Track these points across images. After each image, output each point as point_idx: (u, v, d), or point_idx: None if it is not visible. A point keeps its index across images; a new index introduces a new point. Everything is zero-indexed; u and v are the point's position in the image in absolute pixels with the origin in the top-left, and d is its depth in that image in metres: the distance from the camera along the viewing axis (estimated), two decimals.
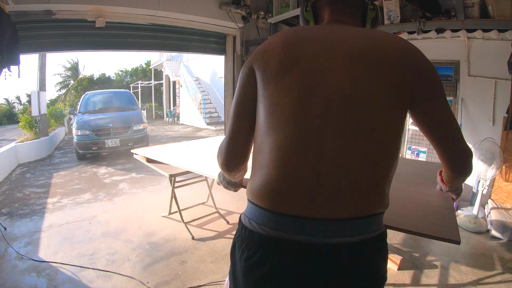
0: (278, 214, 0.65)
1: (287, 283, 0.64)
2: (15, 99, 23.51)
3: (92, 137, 5.94)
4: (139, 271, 2.20)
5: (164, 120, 16.48)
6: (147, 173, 4.97)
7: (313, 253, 0.62)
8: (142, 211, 3.34)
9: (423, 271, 2.18)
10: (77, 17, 3.31)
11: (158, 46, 4.31)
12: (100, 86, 19.69)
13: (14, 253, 2.44)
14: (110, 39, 3.72)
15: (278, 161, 0.65)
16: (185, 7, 3.79)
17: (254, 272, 0.67)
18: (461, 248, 2.54)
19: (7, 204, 3.63)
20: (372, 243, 0.65)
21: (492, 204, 3.00)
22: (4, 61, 2.54)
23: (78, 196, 3.90)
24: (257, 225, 0.68)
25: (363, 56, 0.66)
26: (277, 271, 0.64)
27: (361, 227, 0.64)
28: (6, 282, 2.07)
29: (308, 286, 0.63)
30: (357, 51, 0.67)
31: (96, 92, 8.63)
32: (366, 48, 0.67)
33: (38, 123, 7.08)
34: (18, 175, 5.04)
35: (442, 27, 3.16)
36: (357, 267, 0.64)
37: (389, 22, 3.58)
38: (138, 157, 2.82)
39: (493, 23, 2.87)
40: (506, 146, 3.05)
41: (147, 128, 6.81)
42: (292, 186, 0.64)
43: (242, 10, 4.27)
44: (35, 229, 2.89)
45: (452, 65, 3.40)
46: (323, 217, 0.62)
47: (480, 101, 3.24)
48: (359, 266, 0.64)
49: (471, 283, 2.04)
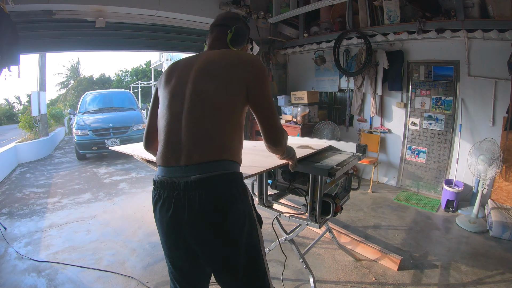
0: (163, 167, 1.07)
1: (172, 204, 1.02)
2: (15, 99, 23.51)
3: (92, 137, 5.94)
4: (139, 271, 2.20)
5: None
6: (147, 173, 4.97)
7: (182, 186, 1.00)
8: (142, 211, 3.33)
9: (423, 271, 2.18)
10: (77, 17, 3.30)
11: (158, 46, 4.30)
12: (100, 86, 19.70)
13: (14, 253, 2.44)
14: (110, 39, 3.72)
15: (162, 137, 1.09)
16: (185, 7, 3.79)
17: (156, 206, 1.07)
18: (461, 248, 2.54)
19: (7, 204, 3.63)
20: (218, 177, 1.01)
21: (492, 204, 3.00)
22: (4, 61, 2.54)
23: (78, 196, 3.90)
24: (156, 176, 1.09)
25: (204, 67, 1.11)
26: (166, 199, 1.03)
27: (207, 168, 1.01)
28: (6, 282, 2.07)
29: (182, 203, 1.00)
30: (203, 64, 1.12)
31: (96, 92, 8.61)
32: (209, 61, 1.12)
33: (38, 123, 7.08)
34: (18, 175, 5.04)
35: (442, 27, 3.15)
36: (210, 190, 1.00)
37: (389, 22, 3.58)
38: (138, 157, 2.82)
39: (493, 23, 2.87)
40: (506, 146, 3.05)
41: None
42: (167, 150, 1.07)
43: (242, 10, 4.27)
44: (35, 229, 2.89)
45: (452, 65, 3.40)
46: (183, 164, 1.02)
47: (480, 101, 3.24)
48: (211, 190, 1.00)
49: (471, 283, 2.04)
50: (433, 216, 3.15)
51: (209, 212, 1.00)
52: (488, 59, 3.13)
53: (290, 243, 1.96)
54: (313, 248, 2.43)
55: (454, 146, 3.48)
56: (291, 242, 1.95)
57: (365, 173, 4.41)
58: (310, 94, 4.42)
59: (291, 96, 4.62)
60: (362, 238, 2.51)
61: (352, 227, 2.91)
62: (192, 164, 1.02)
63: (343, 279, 2.09)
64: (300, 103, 4.44)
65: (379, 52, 3.83)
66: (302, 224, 1.83)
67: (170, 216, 1.02)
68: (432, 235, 2.75)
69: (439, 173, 3.64)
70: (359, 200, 3.59)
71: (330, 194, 1.71)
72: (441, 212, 3.26)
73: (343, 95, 4.58)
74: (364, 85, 4.11)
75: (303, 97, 4.44)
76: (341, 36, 3.98)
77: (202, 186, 0.99)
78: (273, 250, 2.16)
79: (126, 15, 3.53)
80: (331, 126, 4.26)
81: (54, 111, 10.59)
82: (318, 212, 1.62)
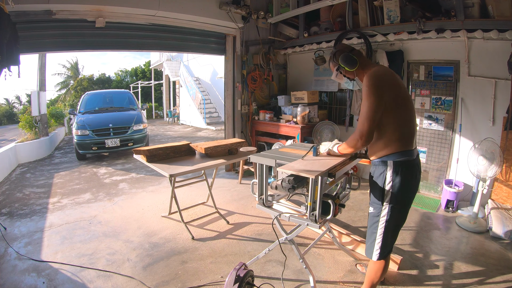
0: (410, 150, 1.60)
1: (417, 170, 1.63)
2: (15, 99, 23.53)
3: (92, 137, 5.95)
4: (139, 271, 2.20)
5: (164, 120, 16.48)
6: (147, 173, 4.97)
7: (418, 162, 1.65)
8: (142, 211, 3.34)
9: (423, 271, 2.18)
10: (77, 17, 3.30)
11: (158, 46, 4.30)
12: (100, 86, 19.71)
13: (14, 253, 2.44)
14: (110, 39, 3.71)
15: (408, 130, 1.62)
16: (185, 7, 3.79)
17: (409, 174, 1.57)
18: (461, 248, 2.54)
19: (7, 204, 3.63)
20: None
21: (492, 204, 3.00)
22: (4, 61, 2.54)
23: (78, 196, 3.90)
24: (404, 155, 1.57)
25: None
26: (413, 169, 1.60)
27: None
28: (6, 282, 2.07)
29: (419, 171, 1.66)
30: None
31: (96, 92, 8.63)
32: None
33: (38, 123, 7.09)
34: (18, 175, 5.04)
35: (442, 27, 3.15)
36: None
37: (389, 22, 3.57)
38: (138, 157, 2.82)
39: (493, 23, 2.87)
40: (506, 146, 3.05)
41: (147, 128, 6.80)
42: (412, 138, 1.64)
43: (242, 10, 4.27)
44: (35, 229, 2.90)
45: (452, 65, 3.40)
46: (413, 148, 1.62)
47: (480, 101, 3.24)
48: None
49: (471, 283, 2.04)
50: (433, 216, 3.15)
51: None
52: (488, 59, 3.13)
53: (290, 243, 1.96)
54: (313, 248, 2.44)
55: (454, 146, 3.48)
56: (291, 242, 1.95)
57: (365, 173, 4.41)
58: (310, 94, 4.41)
59: (291, 96, 4.62)
60: (362, 238, 2.50)
61: (352, 227, 2.91)
62: (415, 148, 1.64)
63: (343, 279, 2.09)
64: (300, 103, 4.44)
65: (379, 52, 3.82)
66: (302, 224, 1.83)
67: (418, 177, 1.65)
68: (432, 235, 2.75)
69: (439, 173, 3.63)
70: (359, 200, 3.59)
71: (330, 194, 1.71)
72: (441, 212, 3.26)
73: (343, 95, 4.58)
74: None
75: (303, 97, 4.44)
76: (341, 36, 3.97)
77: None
78: (273, 250, 2.16)
79: (126, 15, 3.53)
80: (331, 126, 4.26)
81: (54, 111, 10.58)
82: (318, 213, 1.62)
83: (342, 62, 1.68)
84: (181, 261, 2.33)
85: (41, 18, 3.11)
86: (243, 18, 4.41)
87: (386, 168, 1.56)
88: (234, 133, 4.78)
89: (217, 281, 2.08)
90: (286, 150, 2.14)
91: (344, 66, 1.68)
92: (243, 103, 4.75)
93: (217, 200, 3.32)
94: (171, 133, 11.34)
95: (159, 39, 4.09)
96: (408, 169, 1.55)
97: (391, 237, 1.65)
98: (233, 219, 3.11)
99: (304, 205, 1.71)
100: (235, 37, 4.51)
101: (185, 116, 14.09)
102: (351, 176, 2.13)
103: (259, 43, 4.77)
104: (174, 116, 15.32)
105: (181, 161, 2.72)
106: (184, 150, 2.92)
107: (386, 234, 1.60)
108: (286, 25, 4.82)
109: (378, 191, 1.60)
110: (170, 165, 2.58)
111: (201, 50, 4.74)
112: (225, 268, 2.22)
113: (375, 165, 1.64)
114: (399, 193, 1.55)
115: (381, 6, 3.60)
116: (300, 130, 4.20)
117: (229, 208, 3.38)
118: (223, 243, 2.61)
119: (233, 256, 2.40)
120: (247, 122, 4.88)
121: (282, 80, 5.34)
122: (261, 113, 4.79)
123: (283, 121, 4.48)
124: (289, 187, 1.63)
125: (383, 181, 1.57)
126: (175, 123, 14.95)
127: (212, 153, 2.80)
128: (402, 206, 1.61)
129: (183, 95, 14.28)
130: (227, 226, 2.94)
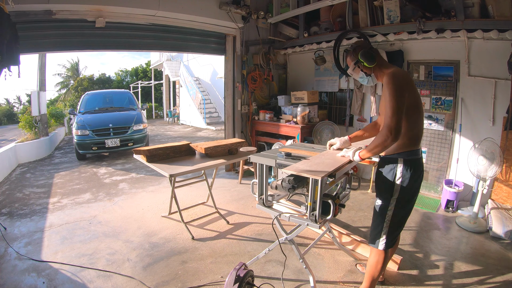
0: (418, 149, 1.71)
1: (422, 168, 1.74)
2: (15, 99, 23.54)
3: (92, 137, 5.95)
4: (139, 271, 2.20)
5: (164, 120, 16.47)
6: (147, 173, 4.97)
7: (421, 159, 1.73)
8: (142, 211, 3.34)
9: (423, 271, 2.18)
10: (77, 17, 3.30)
11: (158, 46, 4.30)
12: (100, 86, 19.71)
13: (14, 253, 2.44)
14: (110, 39, 3.71)
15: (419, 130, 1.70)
16: (185, 7, 3.79)
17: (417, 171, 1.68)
18: (461, 248, 2.54)
19: (7, 204, 3.63)
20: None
21: (492, 204, 3.00)
22: (4, 61, 2.54)
23: (78, 196, 3.90)
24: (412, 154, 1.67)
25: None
26: (420, 167, 1.71)
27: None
28: (6, 282, 2.07)
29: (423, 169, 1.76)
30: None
31: (96, 92, 8.63)
32: None
33: (38, 123, 7.08)
34: (18, 175, 5.04)
35: (442, 27, 3.15)
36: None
37: (389, 22, 3.57)
38: (138, 157, 2.82)
39: (493, 23, 2.87)
40: (506, 146, 3.05)
41: (147, 128, 6.80)
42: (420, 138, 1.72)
43: (242, 10, 4.27)
44: (35, 229, 2.90)
45: (452, 65, 3.40)
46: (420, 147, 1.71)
47: (480, 101, 3.24)
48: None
49: (471, 283, 2.04)
50: (433, 216, 3.15)
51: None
52: (488, 59, 3.13)
53: (290, 243, 1.96)
54: (313, 248, 2.44)
55: (454, 146, 3.48)
56: (291, 242, 1.95)
57: (365, 173, 4.41)
58: (310, 94, 4.41)
59: (291, 96, 4.62)
60: (362, 238, 2.51)
61: (352, 227, 2.91)
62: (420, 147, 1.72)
63: (343, 279, 2.09)
64: (300, 103, 4.44)
65: (379, 52, 3.82)
66: (302, 224, 1.83)
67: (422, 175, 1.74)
68: (432, 235, 2.75)
69: (439, 173, 3.63)
70: (359, 200, 3.59)
71: (330, 195, 1.71)
72: (441, 212, 3.26)
73: (343, 95, 4.58)
74: (364, 85, 4.11)
75: (303, 97, 4.44)
76: (341, 36, 3.97)
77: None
78: (273, 250, 2.16)
79: (126, 15, 3.53)
80: (331, 126, 4.26)
81: (54, 111, 10.58)
82: (318, 213, 1.62)
83: (362, 57, 1.74)
84: (181, 261, 2.33)
85: (41, 18, 3.11)
86: (243, 18, 4.41)
87: (397, 164, 1.65)
88: (234, 133, 4.78)
89: (217, 281, 2.08)
90: (286, 150, 2.14)
91: (363, 61, 1.75)
92: (243, 103, 4.75)
93: (217, 200, 3.32)
94: (171, 133, 11.34)
95: (159, 39, 4.09)
96: (416, 166, 1.66)
97: (398, 227, 1.74)
98: (233, 219, 3.11)
99: (304, 205, 1.71)
100: (235, 37, 4.51)
101: (185, 116, 14.09)
102: (351, 176, 2.13)
103: (259, 43, 4.77)
104: (174, 116, 15.32)
105: (181, 161, 2.72)
106: (184, 150, 2.92)
107: (392, 224, 1.69)
108: (286, 25, 4.82)
109: (387, 185, 1.67)
110: (170, 165, 2.58)
111: (201, 50, 4.74)
112: (225, 268, 2.22)
113: (386, 161, 1.69)
114: (407, 188, 1.64)
115: (381, 6, 3.60)
116: (300, 130, 4.21)
117: (229, 208, 3.38)
118: (223, 243, 2.61)
119: (233, 256, 2.40)
120: (247, 122, 4.88)
121: (282, 80, 5.34)
122: (261, 113, 4.80)
123: (283, 121, 4.48)
124: (289, 187, 1.64)
125: (393, 176, 1.65)
126: (175, 123, 14.94)
127: (212, 153, 2.80)
128: (408, 200, 1.71)
129: (183, 95, 14.28)
130: (227, 226, 2.94)
